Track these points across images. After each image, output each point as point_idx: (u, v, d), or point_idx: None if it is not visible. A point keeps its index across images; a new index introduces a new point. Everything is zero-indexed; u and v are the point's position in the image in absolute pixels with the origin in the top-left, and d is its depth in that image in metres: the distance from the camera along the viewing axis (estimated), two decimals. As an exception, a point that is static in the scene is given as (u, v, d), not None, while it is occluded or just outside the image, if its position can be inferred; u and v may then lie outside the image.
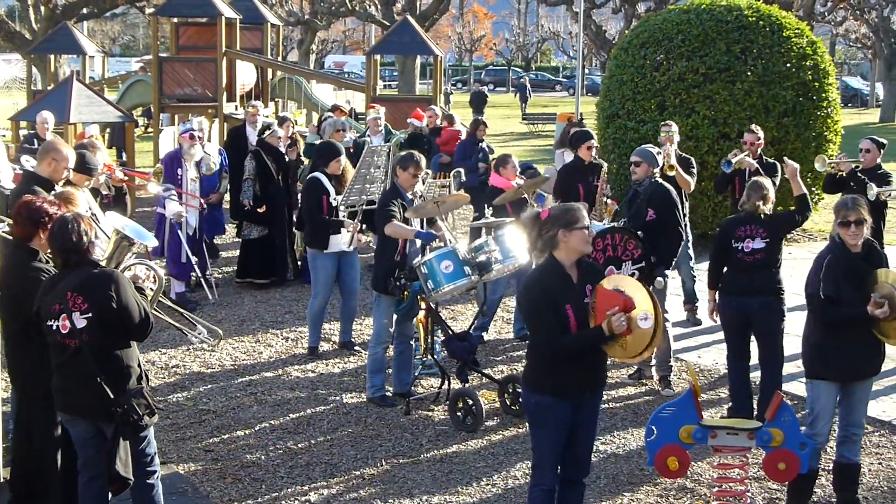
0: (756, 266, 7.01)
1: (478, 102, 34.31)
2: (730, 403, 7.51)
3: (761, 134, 9.65)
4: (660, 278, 7.60)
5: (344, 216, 8.73)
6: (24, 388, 5.59)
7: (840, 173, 9.20)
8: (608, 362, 5.29)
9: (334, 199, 8.72)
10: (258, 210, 11.04)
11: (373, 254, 9.27)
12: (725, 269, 7.24)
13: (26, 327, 5.29)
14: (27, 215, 5.35)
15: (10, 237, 5.61)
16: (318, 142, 11.45)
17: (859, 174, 8.98)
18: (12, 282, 5.44)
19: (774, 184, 9.29)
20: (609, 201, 8.99)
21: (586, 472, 5.33)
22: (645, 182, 7.99)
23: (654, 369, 8.21)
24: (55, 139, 7.43)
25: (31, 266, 5.34)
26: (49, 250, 5.30)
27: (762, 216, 7.04)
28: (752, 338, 7.29)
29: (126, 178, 9.67)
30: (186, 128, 10.40)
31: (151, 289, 5.41)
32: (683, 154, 9.78)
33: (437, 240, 7.55)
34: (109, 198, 8.76)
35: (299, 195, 10.46)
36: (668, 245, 7.81)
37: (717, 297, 7.27)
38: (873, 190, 8.48)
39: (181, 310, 6.61)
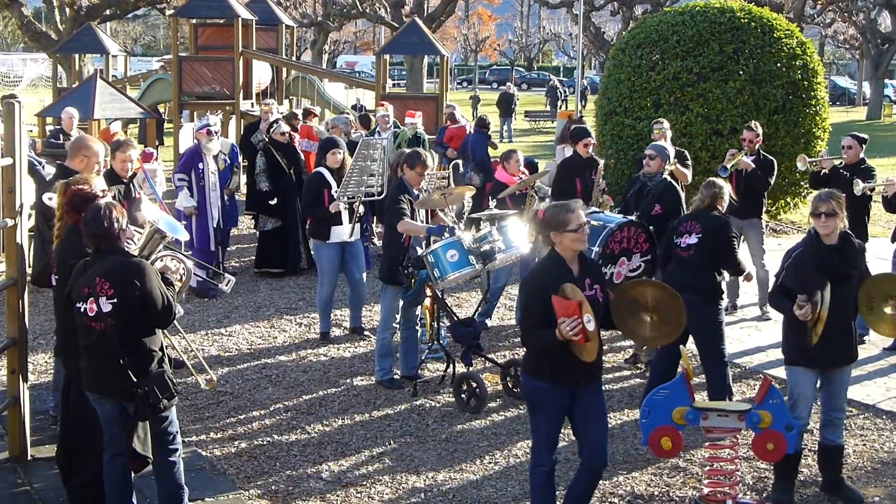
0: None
1: (506, 103, 32.12)
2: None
3: (759, 131, 9.68)
4: None
5: (345, 209, 8.91)
6: (66, 364, 5.72)
7: (823, 170, 9.28)
8: (604, 347, 5.37)
9: (335, 192, 8.91)
10: (269, 202, 11.31)
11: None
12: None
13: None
14: (77, 202, 5.45)
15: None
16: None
17: (842, 170, 9.08)
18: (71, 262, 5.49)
19: (769, 182, 9.59)
20: (606, 196, 9.20)
21: (601, 462, 5.28)
22: (657, 177, 8.24)
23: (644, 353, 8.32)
24: (83, 136, 7.47)
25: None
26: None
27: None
28: None
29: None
30: (203, 124, 10.56)
31: (180, 280, 5.56)
32: (679, 148, 9.95)
33: (446, 232, 7.62)
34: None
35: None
36: None
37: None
38: (859, 186, 8.62)
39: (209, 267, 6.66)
